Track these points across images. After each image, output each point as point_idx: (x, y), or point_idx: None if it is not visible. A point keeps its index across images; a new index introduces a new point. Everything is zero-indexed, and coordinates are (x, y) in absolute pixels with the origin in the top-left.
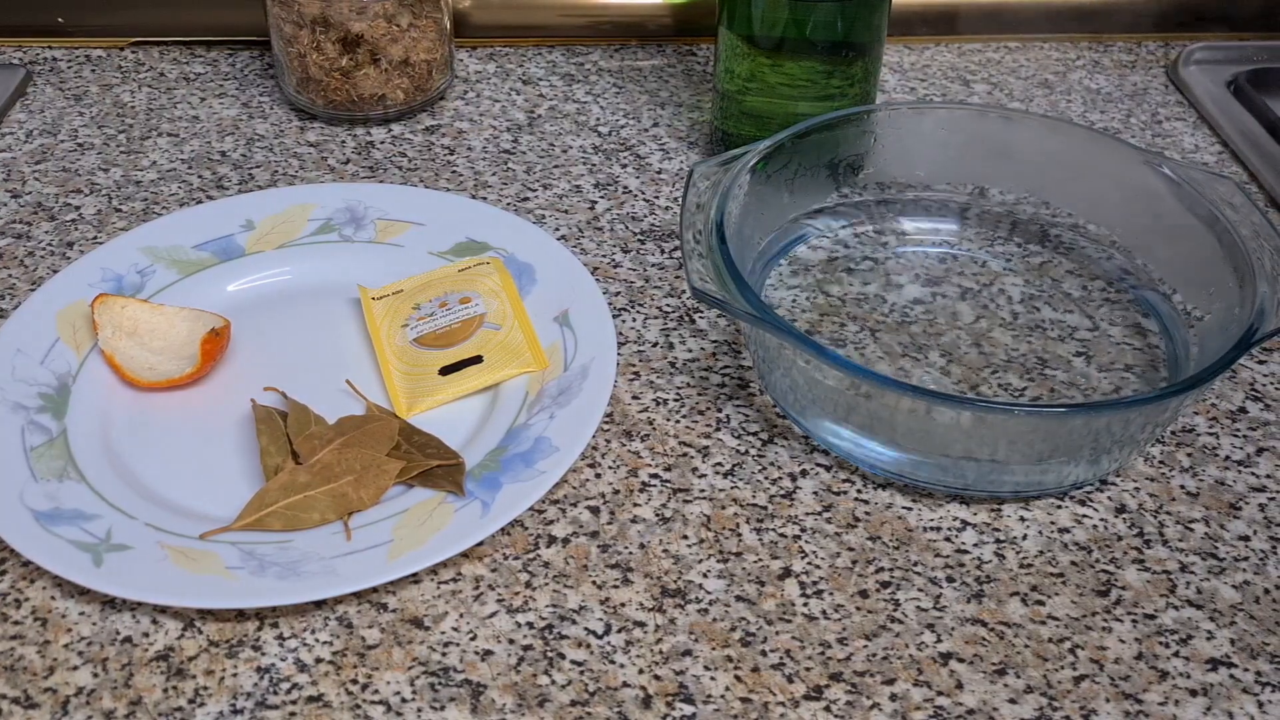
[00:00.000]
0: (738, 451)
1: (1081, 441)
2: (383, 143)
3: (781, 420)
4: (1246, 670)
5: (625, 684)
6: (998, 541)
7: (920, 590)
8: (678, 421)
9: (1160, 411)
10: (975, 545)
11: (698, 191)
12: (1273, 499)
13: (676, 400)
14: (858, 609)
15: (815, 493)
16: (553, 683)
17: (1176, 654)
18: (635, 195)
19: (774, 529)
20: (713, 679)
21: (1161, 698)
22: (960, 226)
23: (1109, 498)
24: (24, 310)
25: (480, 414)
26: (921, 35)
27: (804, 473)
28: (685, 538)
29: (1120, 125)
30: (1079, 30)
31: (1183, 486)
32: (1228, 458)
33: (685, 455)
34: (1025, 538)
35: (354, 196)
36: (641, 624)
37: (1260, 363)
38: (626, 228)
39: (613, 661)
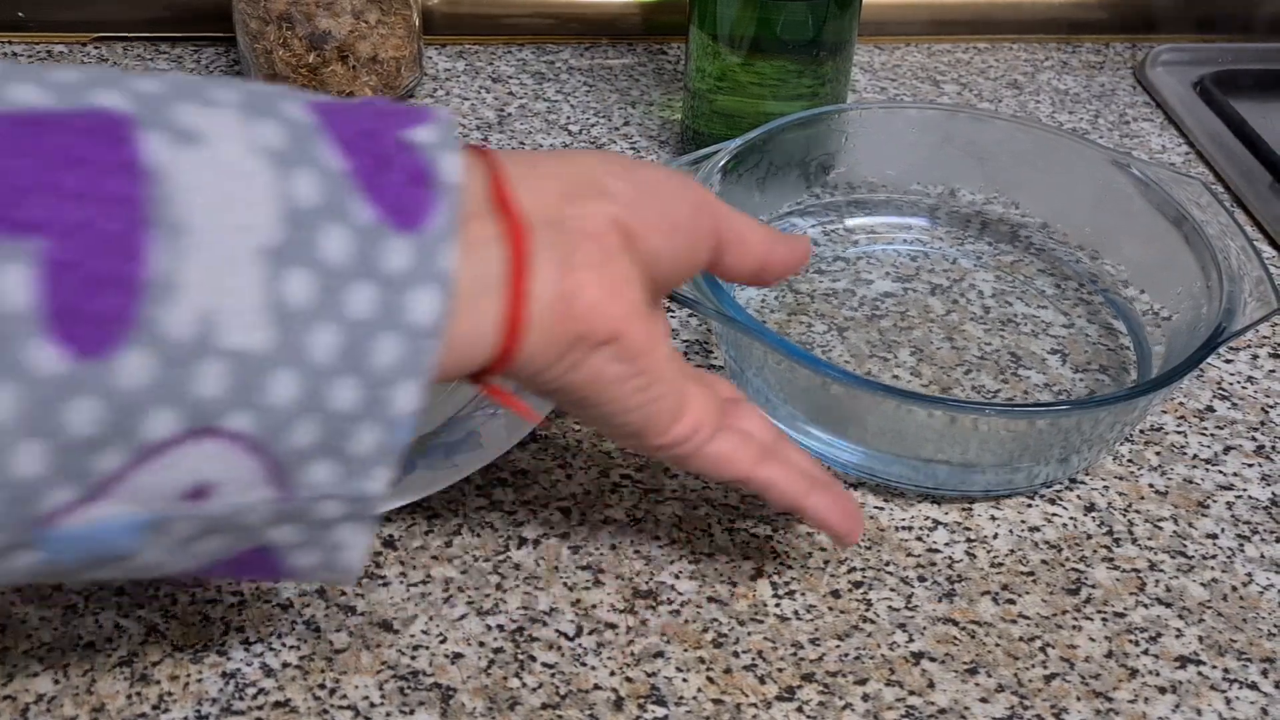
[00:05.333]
0: None
1: (1051, 441)
2: None
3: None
4: (1215, 667)
5: (597, 686)
6: (969, 541)
7: (892, 590)
8: None
9: (1129, 411)
10: (946, 544)
11: None
12: (1240, 497)
13: None
14: (830, 609)
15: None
16: (524, 685)
17: (1146, 652)
18: None
19: (746, 529)
20: (685, 680)
21: (1131, 695)
22: (930, 226)
23: (1078, 496)
24: None
25: (432, 400)
26: (892, 35)
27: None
28: (657, 538)
29: (1089, 126)
30: (1047, 31)
31: (1151, 485)
32: (1196, 456)
33: None
34: (996, 537)
35: None
36: (613, 626)
37: (1227, 361)
38: None
39: (584, 664)
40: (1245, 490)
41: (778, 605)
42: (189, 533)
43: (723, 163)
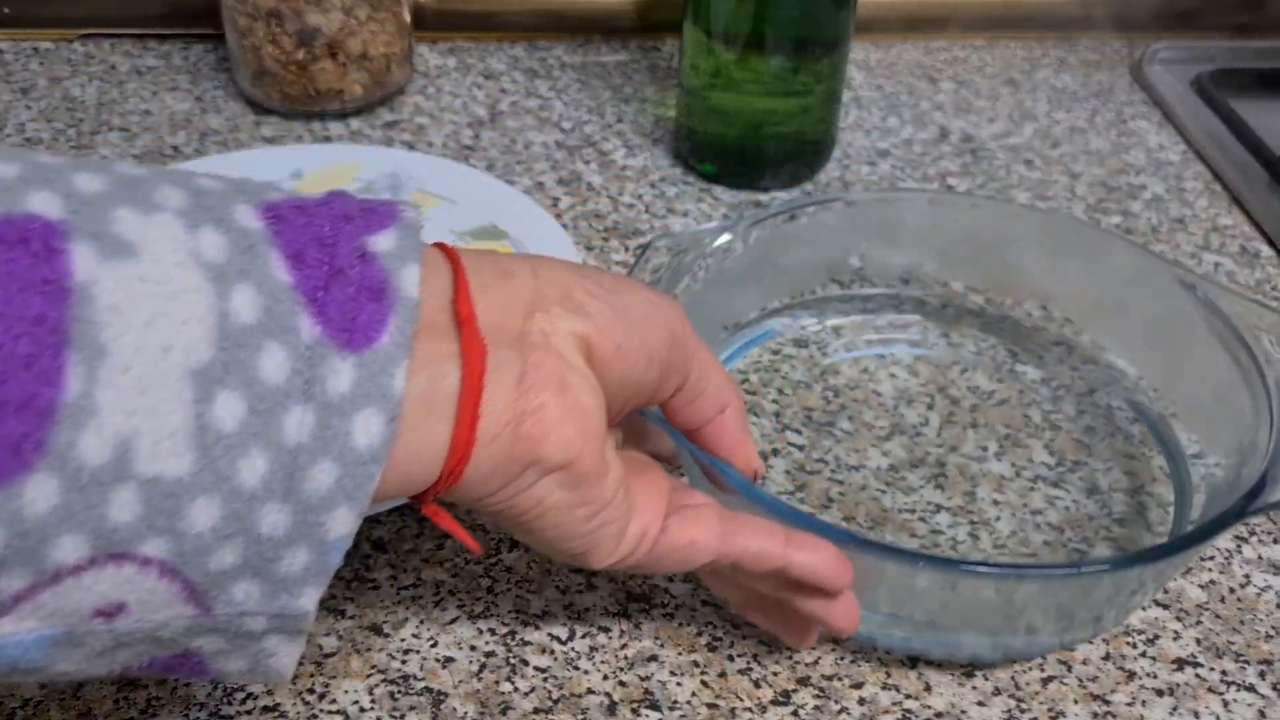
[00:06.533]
0: None
1: (1022, 611)
2: (340, 138)
3: (750, 396)
4: (1212, 670)
5: (590, 690)
6: (971, 523)
7: None
8: None
9: (1126, 582)
10: (950, 528)
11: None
12: None
13: None
14: None
15: (788, 471)
16: (515, 690)
17: (1144, 654)
18: (599, 192)
19: None
20: (679, 685)
21: (1129, 698)
22: (937, 326)
23: (1080, 479)
24: None
25: None
26: (889, 32)
27: (775, 452)
28: None
29: (1086, 124)
30: (1045, 29)
31: None
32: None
33: None
34: (999, 519)
35: (401, 165)
36: (606, 629)
37: None
38: (590, 225)
39: (577, 668)
40: None
41: None
42: (103, 646)
43: (709, 255)
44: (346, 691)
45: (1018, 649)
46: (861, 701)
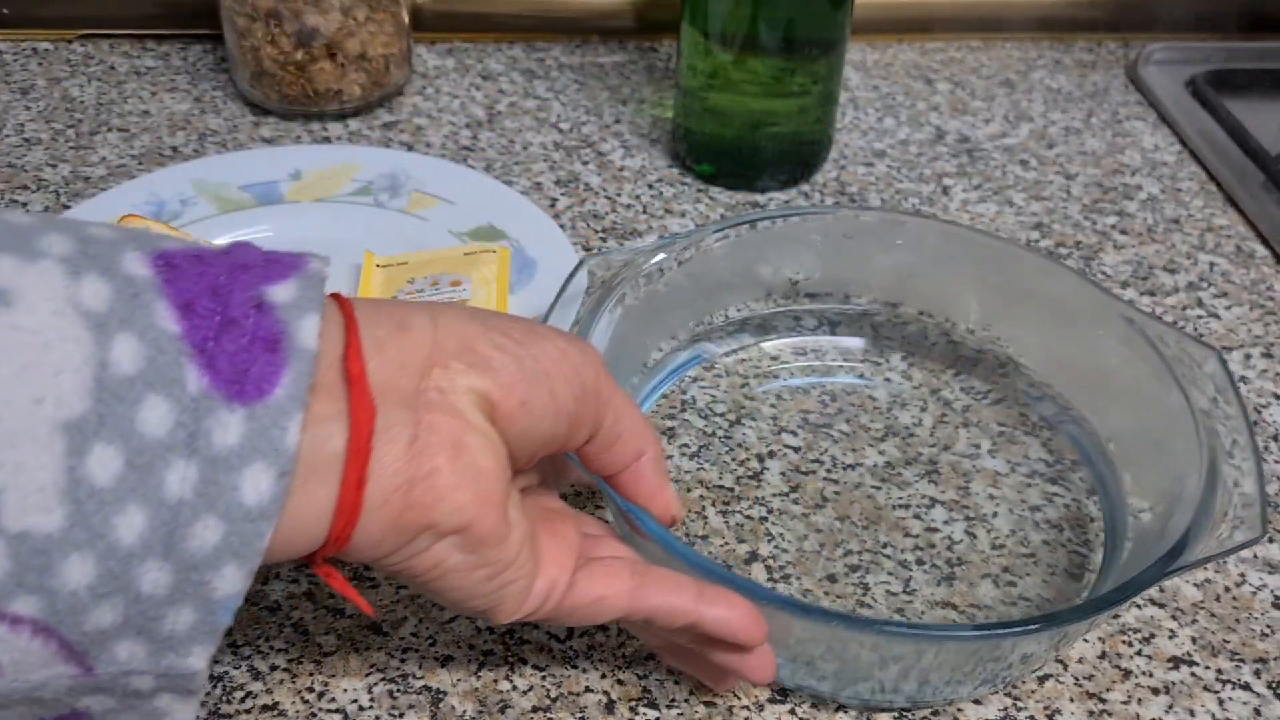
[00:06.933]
0: (704, 433)
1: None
2: (339, 138)
3: (750, 401)
4: (1208, 668)
5: (588, 689)
6: (968, 519)
7: (890, 574)
8: None
9: (1058, 636)
10: (945, 524)
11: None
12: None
13: None
14: (825, 594)
15: (783, 473)
16: (514, 688)
17: (1139, 653)
18: (597, 193)
19: (740, 511)
20: (677, 683)
21: (1125, 697)
22: (878, 350)
23: (1080, 478)
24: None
25: None
26: (885, 33)
27: (771, 453)
28: None
29: (1081, 125)
30: (1040, 30)
31: None
32: None
33: None
34: (995, 515)
35: (399, 165)
36: (604, 628)
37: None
38: (588, 225)
39: (575, 666)
40: (1239, 489)
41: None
42: None
43: (645, 271)
44: (345, 690)
45: (927, 698)
46: (859, 698)
